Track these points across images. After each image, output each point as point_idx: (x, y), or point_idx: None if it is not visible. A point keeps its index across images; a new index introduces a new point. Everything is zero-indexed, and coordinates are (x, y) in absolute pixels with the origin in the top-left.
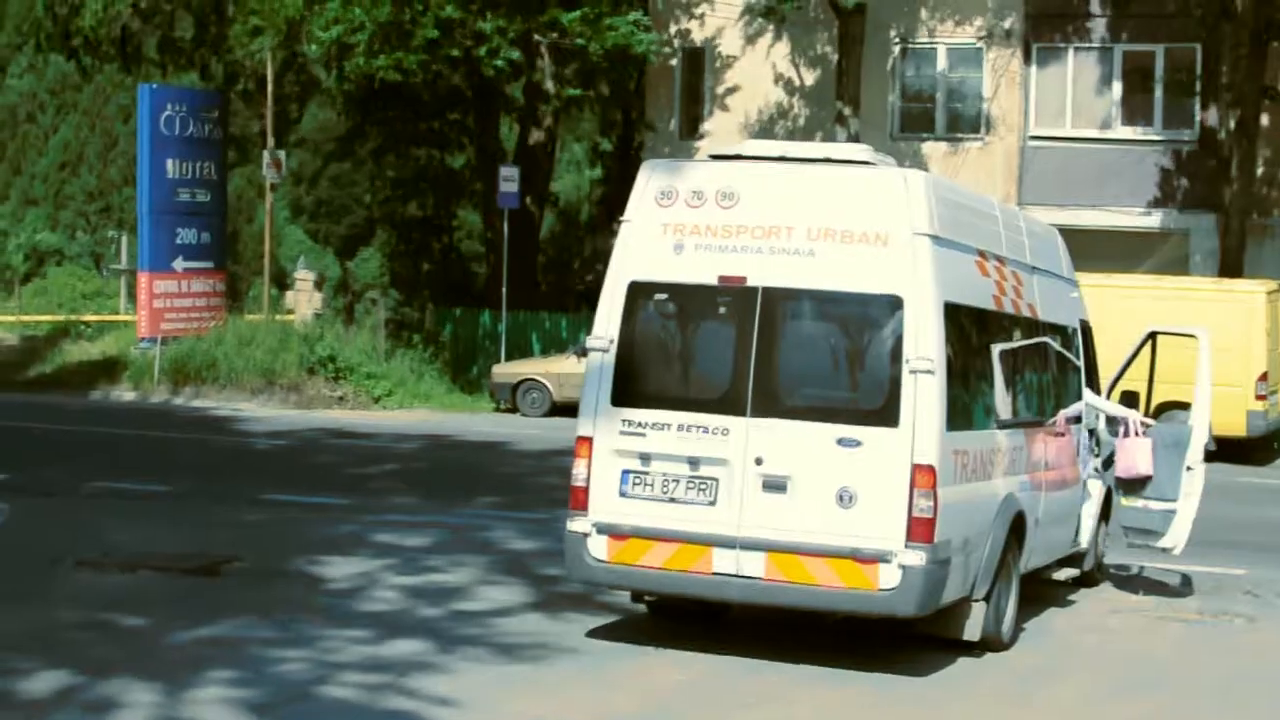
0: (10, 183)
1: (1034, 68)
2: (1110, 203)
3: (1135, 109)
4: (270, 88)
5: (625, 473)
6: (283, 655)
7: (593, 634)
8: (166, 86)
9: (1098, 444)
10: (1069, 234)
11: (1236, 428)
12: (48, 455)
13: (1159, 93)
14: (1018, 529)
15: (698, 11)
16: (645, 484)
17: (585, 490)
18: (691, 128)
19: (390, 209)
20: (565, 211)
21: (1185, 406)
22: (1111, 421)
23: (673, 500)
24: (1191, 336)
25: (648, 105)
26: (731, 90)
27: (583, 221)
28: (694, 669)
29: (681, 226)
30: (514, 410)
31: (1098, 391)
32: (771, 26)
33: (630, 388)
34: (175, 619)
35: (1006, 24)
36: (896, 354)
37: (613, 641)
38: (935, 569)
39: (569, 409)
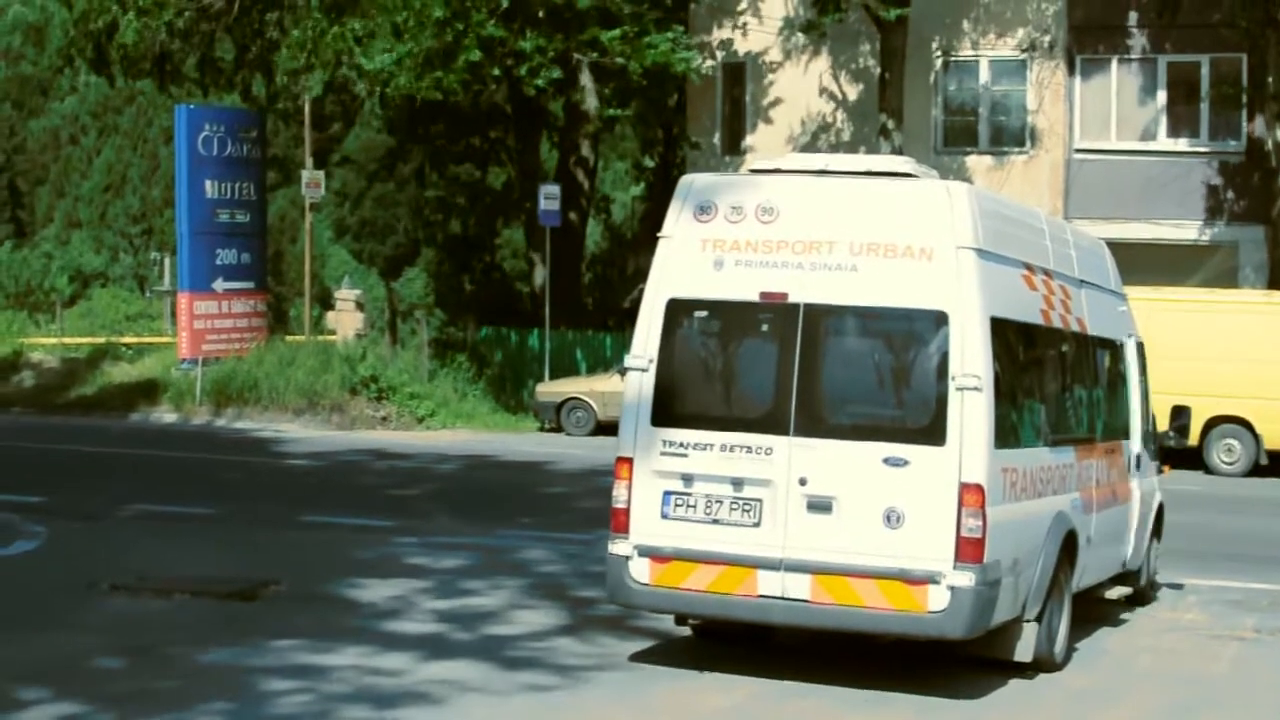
0: (54, 205)
1: (1078, 80)
2: (1157, 216)
3: (1181, 120)
4: (308, 108)
5: (667, 494)
6: (308, 683)
7: (633, 658)
8: (204, 107)
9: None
10: (1116, 247)
11: None
12: (87, 478)
13: (1205, 104)
14: (1069, 548)
15: (738, 26)
16: (688, 505)
17: (626, 512)
18: (734, 143)
19: (433, 229)
20: (610, 229)
21: (1236, 421)
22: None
23: (716, 522)
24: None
25: (689, 121)
26: (773, 104)
27: (627, 239)
28: (738, 693)
29: (721, 242)
30: (559, 430)
31: (1149, 407)
32: (812, 40)
33: (671, 407)
34: (202, 645)
35: (1049, 36)
36: (942, 370)
37: (652, 665)
38: (985, 590)
39: (614, 428)
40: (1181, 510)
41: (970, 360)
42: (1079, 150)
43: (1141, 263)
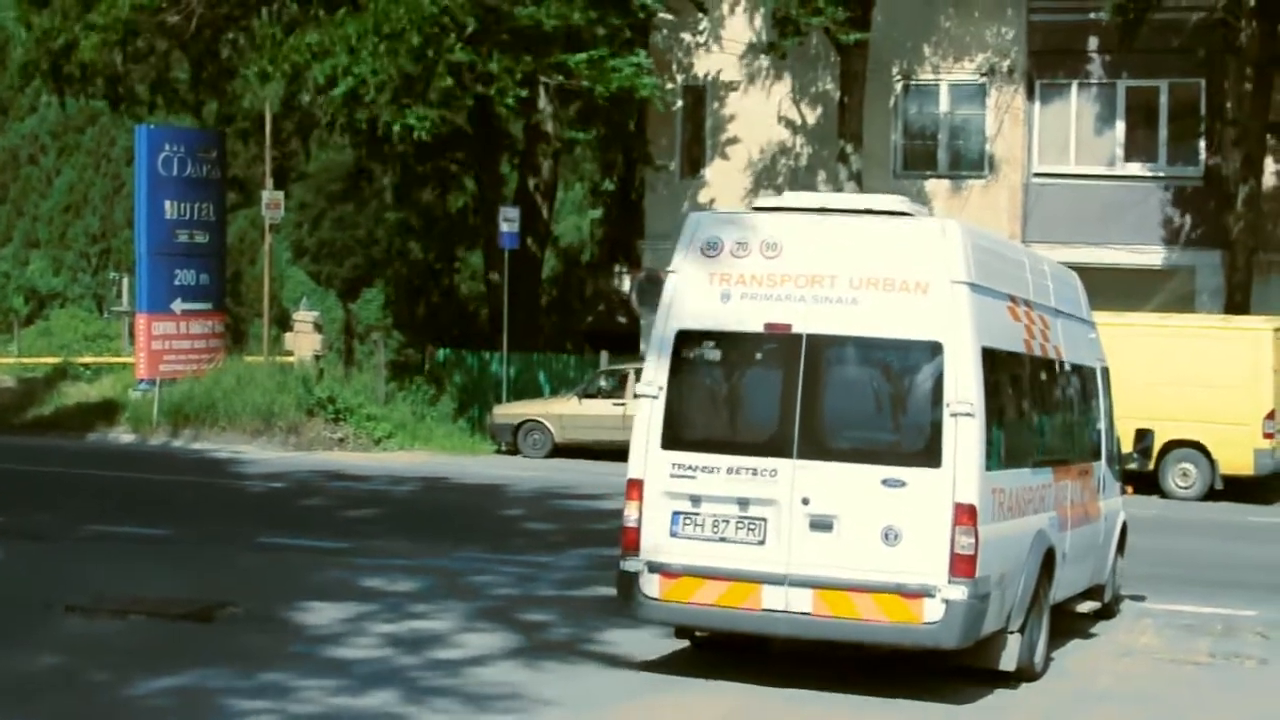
0: (13, 225)
1: (1037, 105)
2: (1115, 240)
3: (1139, 146)
4: (269, 128)
5: (676, 514)
6: (250, 705)
7: (579, 681)
8: (164, 127)
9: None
10: (1076, 272)
11: (1244, 466)
12: (43, 498)
13: (1163, 129)
14: (1048, 564)
15: (699, 50)
16: (696, 524)
17: (637, 531)
18: (693, 167)
19: (394, 247)
20: (567, 252)
21: (1192, 445)
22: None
23: (723, 540)
24: None
25: (649, 144)
26: (734, 128)
27: (584, 262)
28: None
29: (727, 276)
30: (515, 452)
31: (1114, 430)
32: (772, 64)
33: (679, 432)
34: (151, 667)
35: (1009, 61)
36: (938, 397)
37: (603, 687)
38: (976, 603)
39: (570, 450)
40: (1137, 534)
41: (964, 388)
42: (1038, 175)
43: (1099, 287)
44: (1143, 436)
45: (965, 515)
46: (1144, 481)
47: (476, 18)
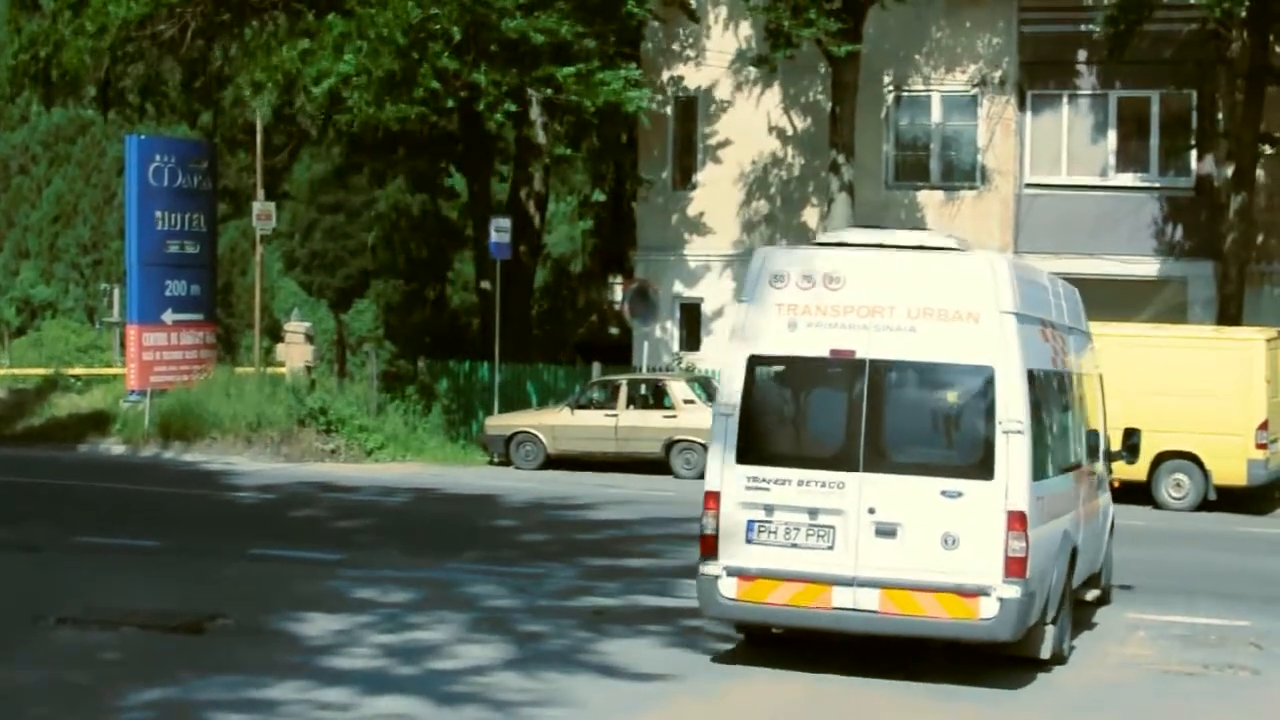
0: (3, 235)
1: (1029, 115)
2: (1107, 251)
3: (1131, 156)
4: (259, 139)
5: (751, 522)
6: (240, 718)
7: (576, 691)
8: (155, 138)
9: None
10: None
11: (1237, 477)
12: (35, 509)
13: (1155, 139)
14: (1072, 560)
15: (690, 61)
16: (769, 532)
17: (715, 538)
18: (685, 177)
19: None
20: (558, 263)
21: (1185, 456)
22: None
23: (794, 546)
24: None
25: (640, 156)
26: (725, 139)
27: (575, 274)
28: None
29: (794, 306)
30: (508, 463)
31: (1106, 434)
32: (764, 75)
33: (753, 448)
34: (141, 679)
35: (1000, 72)
36: (990, 416)
37: (597, 697)
38: (1026, 600)
39: (563, 462)
40: (1130, 545)
41: (1013, 407)
42: (1030, 185)
43: (1091, 298)
44: (1130, 435)
45: (1017, 522)
46: (1137, 492)
47: (463, 28)
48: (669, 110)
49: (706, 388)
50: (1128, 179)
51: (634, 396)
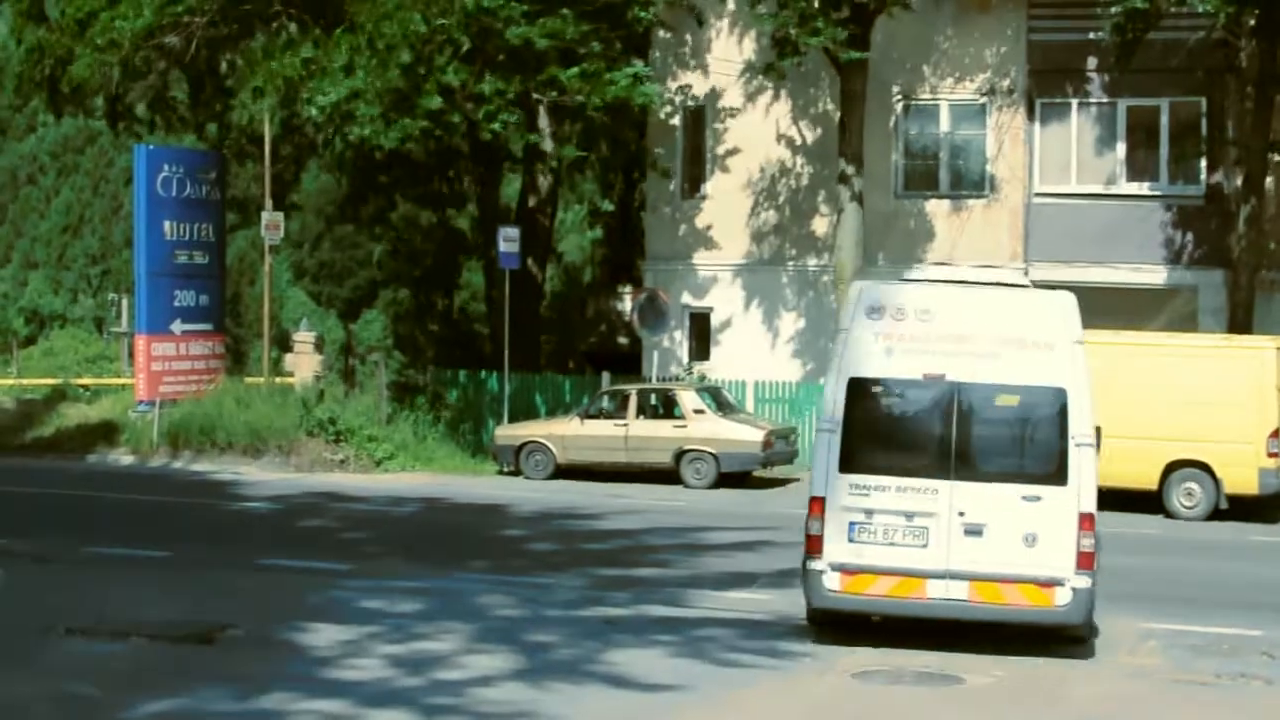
0: (11, 245)
1: (1037, 124)
2: (1117, 260)
3: (1141, 165)
4: (268, 149)
5: (853, 524)
6: None
7: (583, 701)
8: (163, 147)
9: None
10: (1076, 291)
11: (1248, 485)
12: (44, 520)
13: (1164, 148)
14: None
15: (698, 70)
16: (869, 532)
17: (820, 539)
18: (693, 187)
19: (392, 269)
20: (567, 272)
21: (1196, 465)
22: None
23: (892, 544)
24: None
25: (648, 165)
26: (733, 148)
27: (584, 283)
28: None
29: (890, 335)
30: (517, 473)
31: None
32: (772, 84)
33: (854, 459)
34: (149, 690)
35: (1008, 81)
36: (1063, 431)
37: (605, 706)
38: (1092, 589)
39: (572, 472)
40: (1142, 554)
41: (1083, 424)
42: (1039, 194)
43: (1102, 307)
44: (1097, 432)
45: (1087, 522)
46: (1148, 501)
47: (470, 37)
48: (677, 119)
49: (716, 397)
50: (1137, 188)
51: (644, 406)
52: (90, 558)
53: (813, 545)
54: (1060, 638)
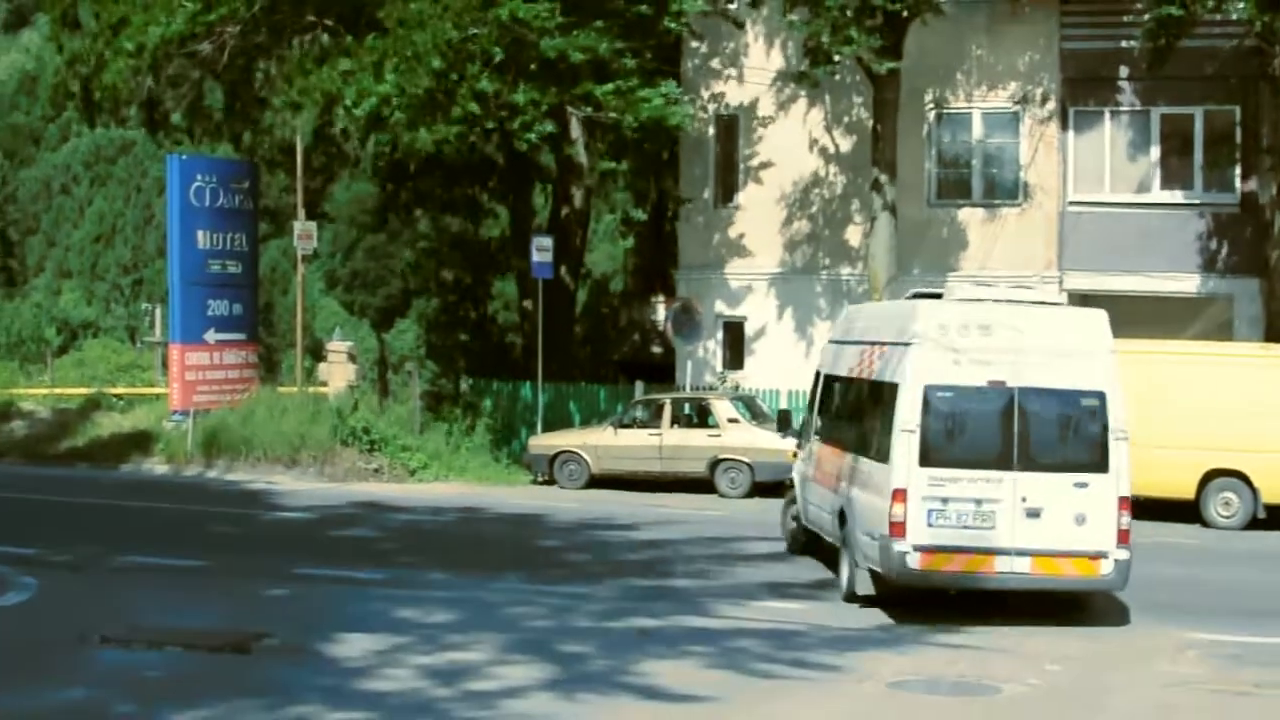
0: (45, 255)
1: (1071, 132)
2: (1152, 268)
3: (1174, 173)
4: (300, 159)
5: (930, 510)
6: None
7: (616, 713)
8: (196, 157)
9: None
10: (1111, 300)
11: None
12: (79, 529)
13: (1198, 156)
14: None
15: (730, 79)
16: (945, 517)
17: (903, 524)
18: (726, 196)
19: (425, 275)
20: (600, 282)
21: (1233, 474)
22: None
23: (965, 527)
24: None
25: (682, 174)
26: (766, 157)
27: (617, 293)
28: None
29: (955, 347)
30: (551, 483)
31: None
32: (805, 93)
33: (930, 455)
34: (183, 699)
35: (1042, 89)
36: (1104, 427)
37: (637, 718)
38: (1129, 560)
39: (606, 481)
40: (1180, 563)
41: (1120, 420)
42: (1073, 203)
43: (1136, 315)
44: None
45: (1125, 504)
46: (1186, 511)
47: (503, 48)
48: (710, 129)
49: (750, 406)
50: (1171, 196)
51: (678, 415)
52: (125, 567)
53: (896, 530)
54: (1100, 644)
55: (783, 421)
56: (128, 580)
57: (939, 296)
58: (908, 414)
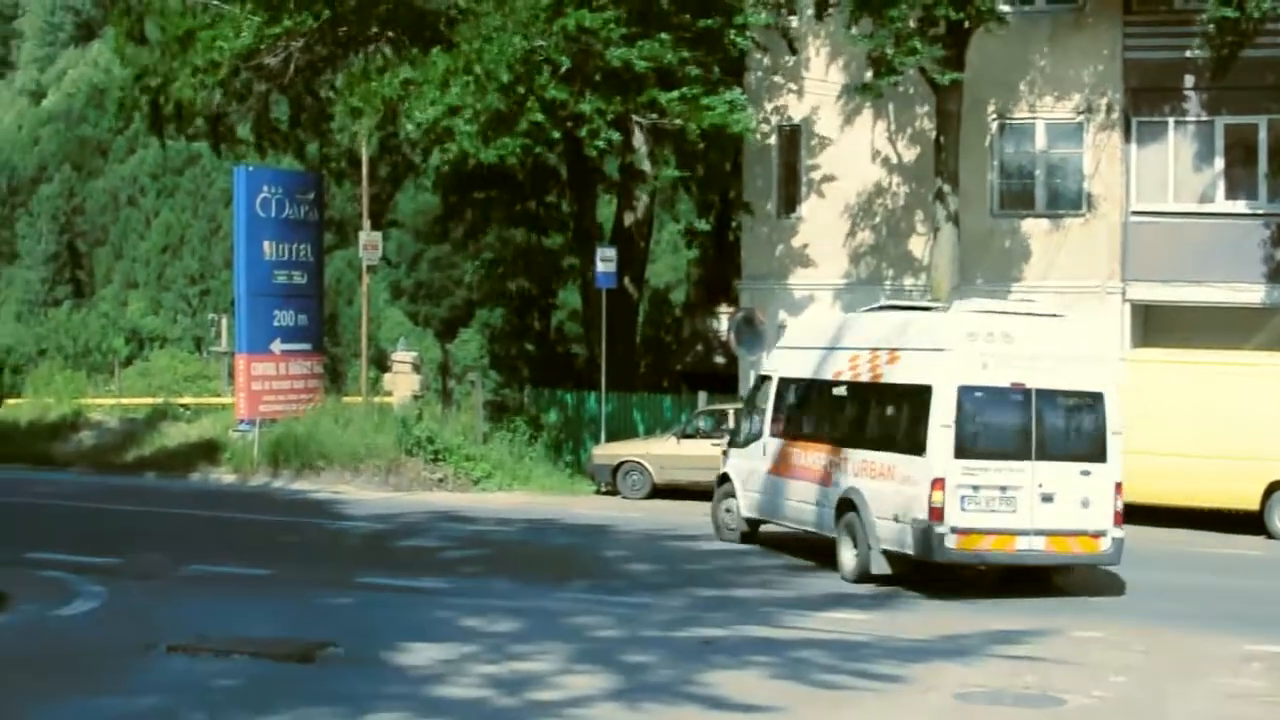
0: (112, 267)
1: (1134, 142)
2: (1215, 278)
3: (1238, 182)
4: (365, 170)
5: (964, 497)
6: None
7: None
8: (262, 169)
9: None
10: (1175, 310)
11: None
12: (146, 538)
13: (1262, 165)
14: None
15: (793, 90)
16: (975, 502)
17: (942, 509)
18: (789, 206)
19: (489, 288)
20: (662, 292)
21: None
22: None
23: (992, 511)
24: None
25: (745, 184)
26: (828, 168)
27: (677, 303)
28: None
29: (983, 353)
30: (614, 492)
31: None
32: (868, 103)
33: (964, 447)
34: (251, 708)
35: (1105, 99)
36: (1104, 423)
37: None
38: (1123, 538)
39: (670, 491)
40: (1243, 575)
41: (1117, 418)
42: (1136, 213)
43: (1200, 325)
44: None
45: (1119, 489)
46: (1249, 523)
47: (569, 57)
48: (773, 139)
49: None
50: (1235, 206)
51: None
52: (192, 576)
53: (935, 514)
54: (1163, 655)
55: None
56: (194, 589)
57: (905, 308)
58: (944, 412)
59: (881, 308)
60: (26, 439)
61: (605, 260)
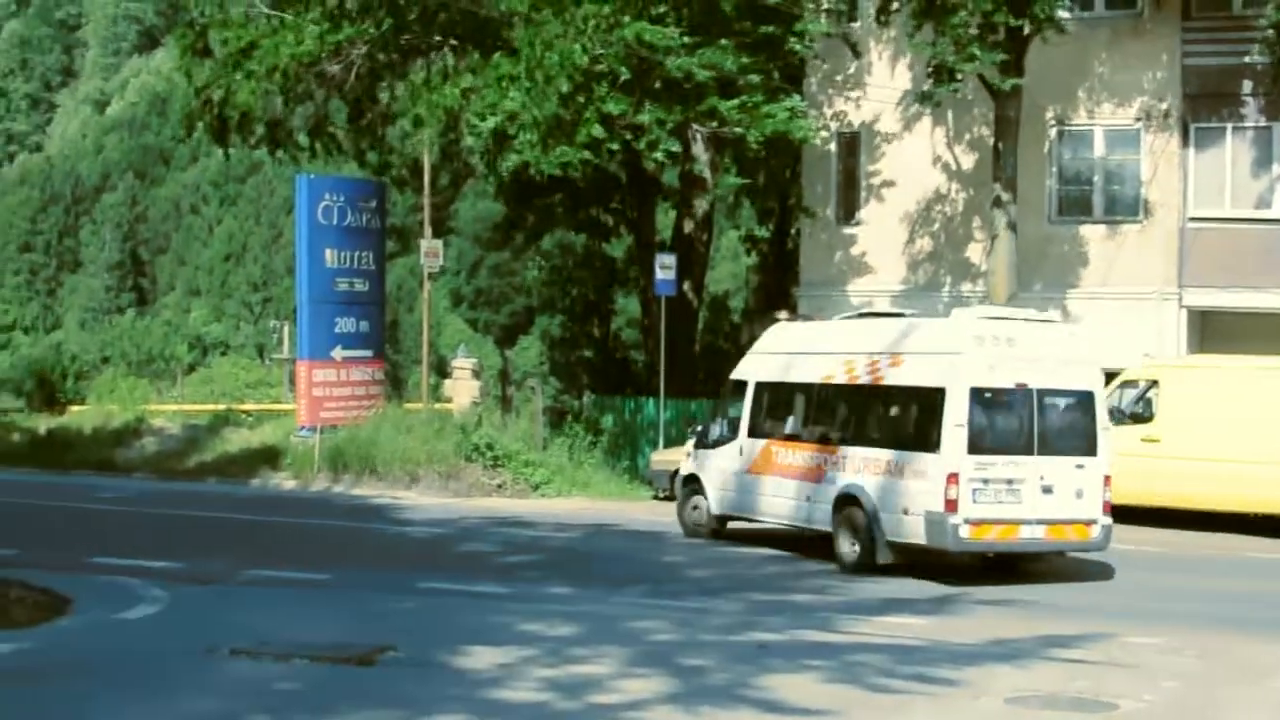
0: (175, 274)
1: (1192, 148)
2: (1272, 284)
3: None
4: (427, 177)
5: (975, 490)
6: None
7: None
8: (324, 177)
9: None
10: (1231, 316)
11: None
12: (208, 542)
13: None
14: None
15: (853, 97)
16: (985, 495)
17: (956, 502)
18: (848, 213)
19: (549, 294)
20: (720, 299)
21: None
22: None
23: (1000, 502)
24: None
25: (804, 191)
26: (887, 175)
27: (736, 310)
28: None
29: (991, 356)
30: (672, 498)
31: None
32: (928, 110)
33: (975, 443)
34: (313, 711)
35: (1164, 105)
36: (1095, 420)
37: None
38: (1111, 525)
39: None
40: None
41: (1104, 416)
42: (1193, 219)
43: (1256, 331)
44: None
45: (1107, 480)
46: None
47: (629, 67)
48: (832, 146)
49: None
50: None
51: None
52: (253, 580)
53: (950, 506)
54: (1216, 660)
55: None
56: (255, 593)
57: (880, 315)
58: (958, 411)
59: (859, 315)
60: (90, 445)
61: (665, 267)
